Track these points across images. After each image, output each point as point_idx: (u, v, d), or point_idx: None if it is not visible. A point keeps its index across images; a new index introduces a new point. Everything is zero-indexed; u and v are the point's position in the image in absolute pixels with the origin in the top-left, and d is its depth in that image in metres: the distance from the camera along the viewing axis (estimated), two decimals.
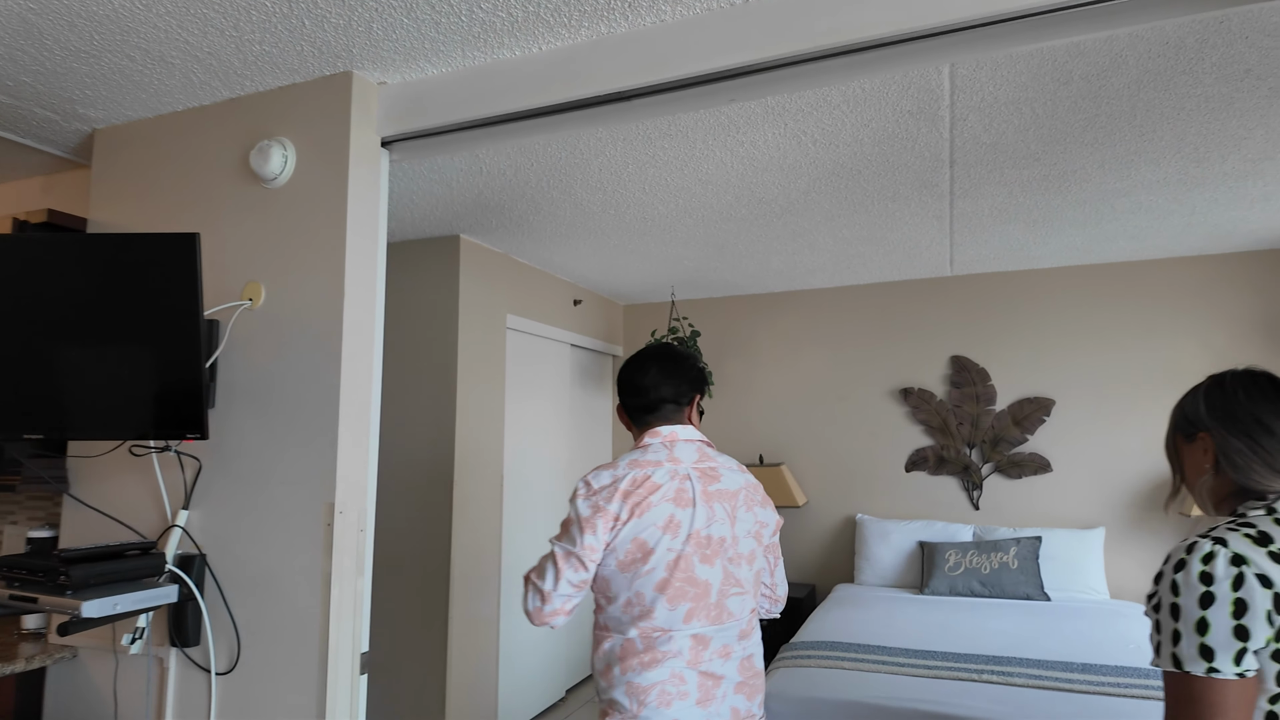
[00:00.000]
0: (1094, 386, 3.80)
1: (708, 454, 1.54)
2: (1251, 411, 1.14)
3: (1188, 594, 1.02)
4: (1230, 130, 2.15)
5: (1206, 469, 1.18)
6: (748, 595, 1.48)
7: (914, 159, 2.38)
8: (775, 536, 1.59)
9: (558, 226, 3.09)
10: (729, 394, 4.53)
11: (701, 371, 1.65)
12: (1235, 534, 1.05)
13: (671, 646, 1.41)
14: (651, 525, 1.42)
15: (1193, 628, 1.00)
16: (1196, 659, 1.00)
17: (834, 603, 3.51)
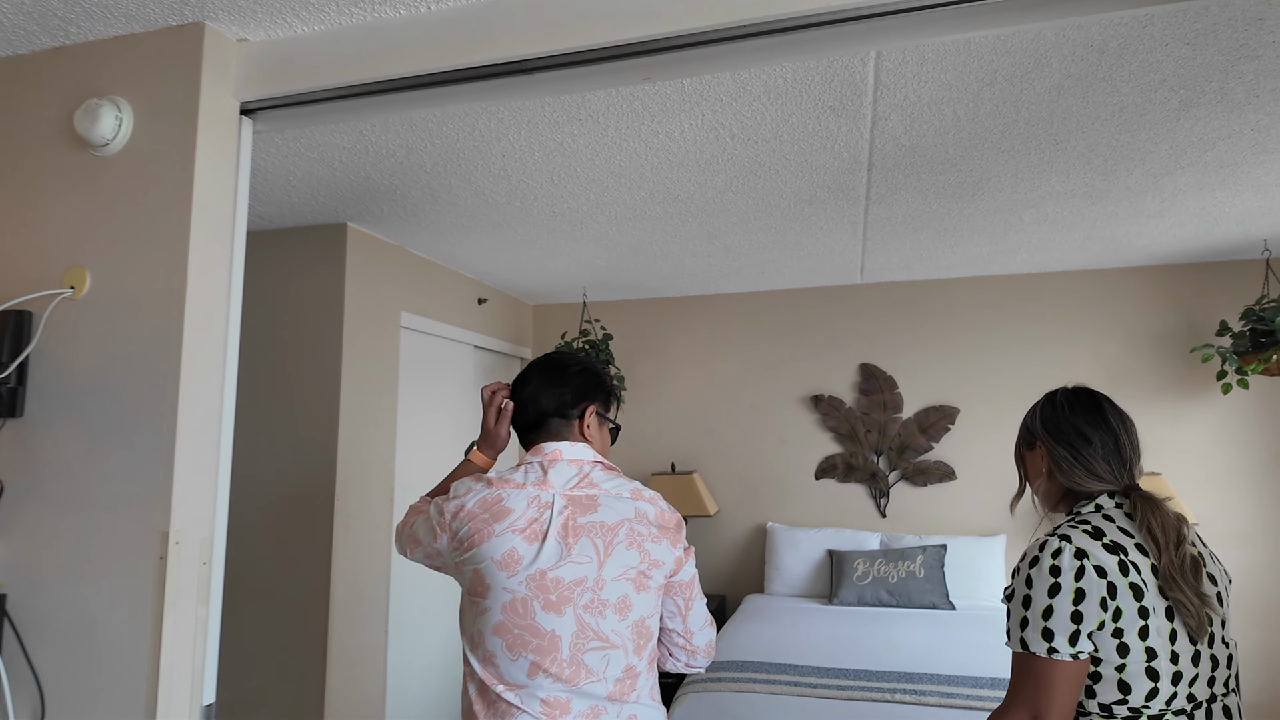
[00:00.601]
0: (995, 395, 3.87)
1: (593, 479, 1.30)
2: (1073, 424, 1.32)
3: (1038, 585, 1.18)
4: (1139, 143, 2.17)
5: (1043, 473, 1.36)
6: (619, 650, 1.22)
7: (833, 160, 2.29)
8: (685, 575, 1.31)
9: (458, 218, 2.86)
10: (641, 399, 4.38)
11: (597, 378, 1.42)
12: (1076, 530, 1.21)
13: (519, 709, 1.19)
14: (489, 559, 1.22)
15: (1039, 614, 1.17)
16: (1039, 640, 1.17)
17: (744, 615, 3.41)
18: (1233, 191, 2.59)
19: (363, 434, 2.95)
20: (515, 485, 1.27)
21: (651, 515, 1.28)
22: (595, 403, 1.39)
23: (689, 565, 1.32)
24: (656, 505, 1.31)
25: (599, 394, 1.41)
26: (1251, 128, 2.05)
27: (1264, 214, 2.86)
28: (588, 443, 1.37)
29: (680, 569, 1.30)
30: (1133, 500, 1.26)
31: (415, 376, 3.39)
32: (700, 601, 1.34)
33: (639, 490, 1.31)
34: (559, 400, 1.36)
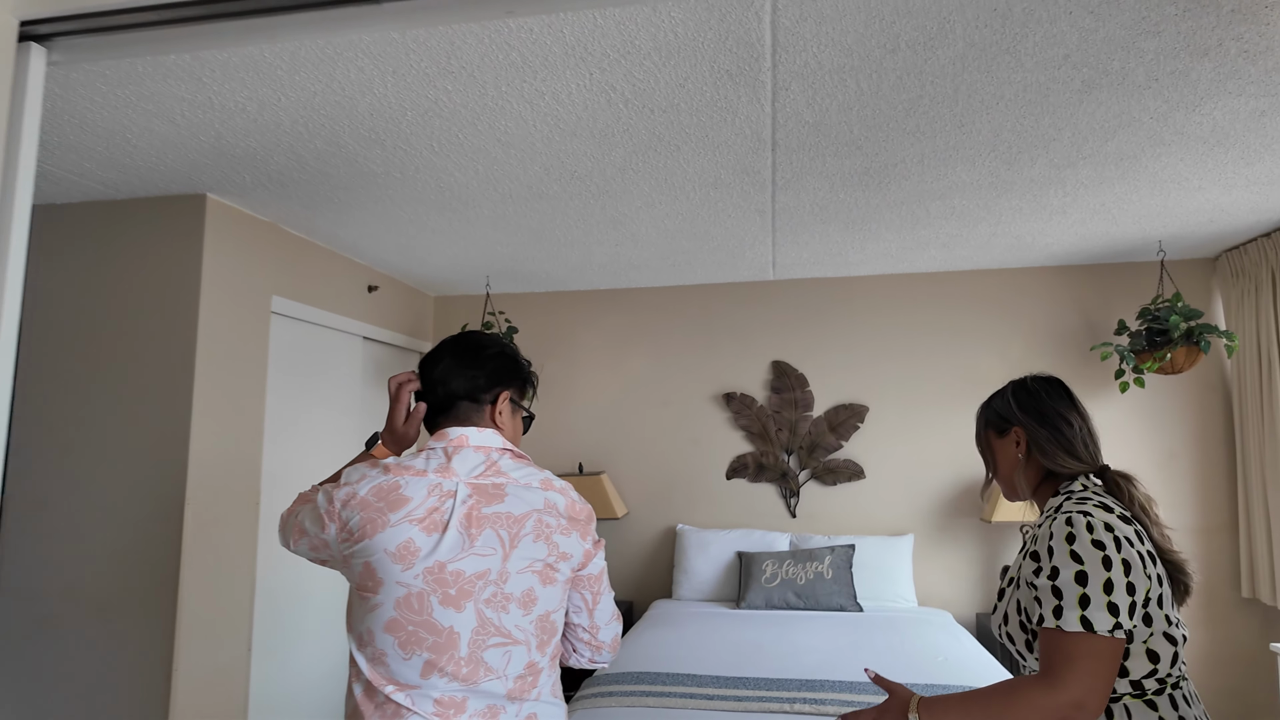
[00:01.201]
0: (903, 394, 3.84)
1: (501, 467, 1.22)
2: (1054, 407, 1.36)
3: (1090, 560, 1.14)
4: (1042, 129, 2.11)
5: (1019, 458, 1.37)
6: (522, 646, 1.16)
7: (735, 136, 2.15)
8: (593, 569, 1.27)
9: (333, 191, 2.59)
10: (549, 397, 4.17)
11: (514, 362, 1.34)
12: (1089, 505, 1.21)
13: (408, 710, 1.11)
14: (381, 550, 1.14)
15: (1100, 589, 1.12)
16: (1105, 616, 1.12)
17: (649, 622, 3.25)
18: (1131, 187, 2.59)
19: (221, 430, 2.64)
20: (415, 472, 1.19)
21: (562, 506, 1.22)
22: (510, 388, 1.32)
23: (598, 558, 1.28)
24: (567, 496, 1.25)
25: (515, 380, 1.34)
26: (1150, 115, 2.02)
27: (1159, 213, 2.90)
28: (498, 430, 1.29)
29: (589, 562, 1.25)
30: (1110, 479, 1.30)
31: (291, 368, 3.09)
32: (608, 596, 1.30)
33: (549, 480, 1.25)
34: (471, 383, 1.28)
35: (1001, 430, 1.40)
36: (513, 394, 1.33)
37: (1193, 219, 2.98)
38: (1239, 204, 2.79)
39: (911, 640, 2.86)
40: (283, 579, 2.97)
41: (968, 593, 3.67)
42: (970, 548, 3.69)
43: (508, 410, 1.31)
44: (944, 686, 2.31)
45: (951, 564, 3.70)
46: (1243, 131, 2.13)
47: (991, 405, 1.44)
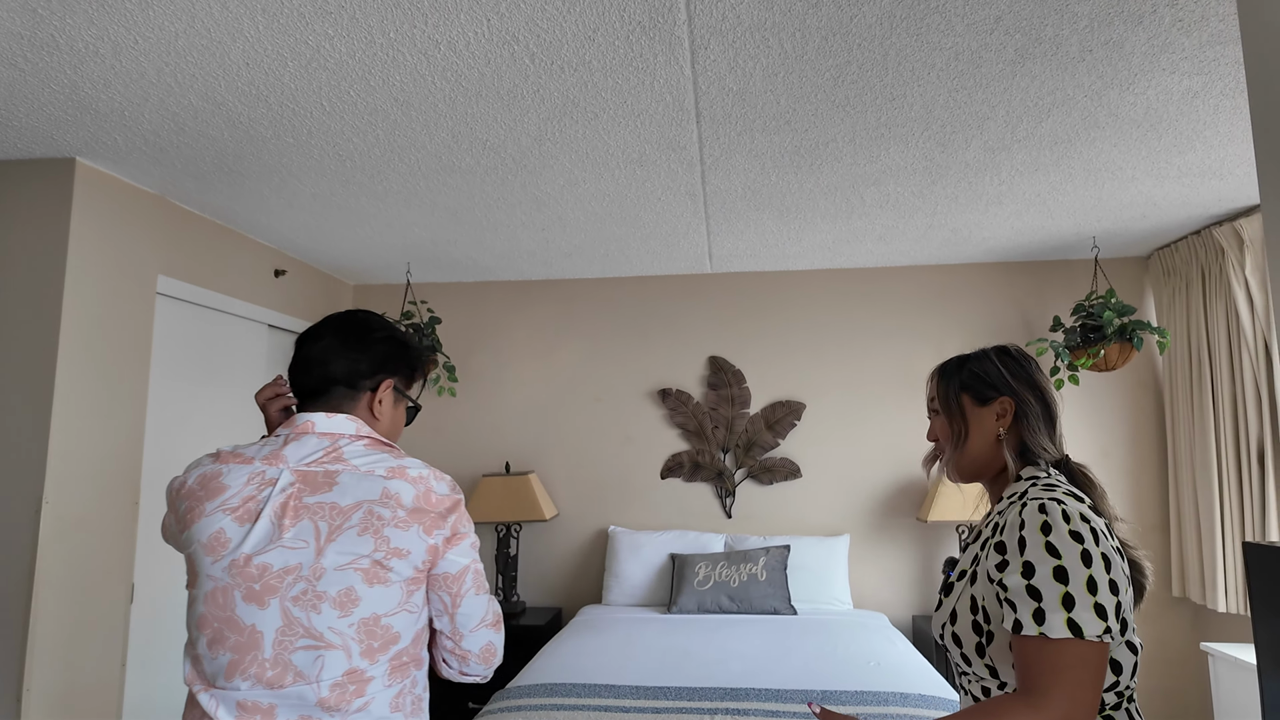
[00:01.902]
0: (840, 391, 3.75)
1: (344, 454, 1.12)
2: (1042, 383, 1.22)
3: (1068, 554, 0.99)
4: (975, 105, 2.02)
5: (998, 431, 1.19)
6: (338, 651, 1.04)
7: (656, 103, 2.00)
8: (451, 567, 1.12)
9: (221, 158, 2.36)
10: (475, 392, 3.96)
11: (403, 348, 1.25)
12: (1057, 493, 1.07)
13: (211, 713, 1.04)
14: (197, 541, 1.08)
15: (1084, 587, 0.98)
16: (1093, 619, 0.97)
17: (574, 629, 3.07)
18: (1065, 175, 2.53)
19: (92, 422, 2.38)
20: (242, 460, 1.13)
21: (407, 497, 1.09)
22: (395, 376, 1.23)
23: (456, 556, 1.13)
24: (421, 486, 1.12)
25: (401, 367, 1.24)
26: (1084, 93, 1.94)
27: (1094, 206, 2.85)
28: (375, 421, 1.22)
29: (439, 559, 1.11)
30: (1072, 470, 1.18)
31: (183, 355, 2.82)
32: (476, 599, 1.15)
33: (401, 469, 1.12)
34: (351, 368, 1.19)
35: (983, 398, 1.21)
36: (398, 382, 1.24)
37: (1126, 213, 2.94)
38: (1170, 197, 2.76)
39: (845, 644, 2.74)
40: (166, 584, 2.70)
41: (903, 594, 3.59)
42: (906, 548, 3.61)
43: (389, 400, 1.22)
44: (876, 694, 2.19)
45: (887, 565, 3.62)
46: (1175, 115, 2.08)
47: (969, 368, 1.24)
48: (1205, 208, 2.89)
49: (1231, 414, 2.98)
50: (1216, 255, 3.04)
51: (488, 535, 3.85)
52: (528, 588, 3.81)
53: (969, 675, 1.14)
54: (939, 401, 1.27)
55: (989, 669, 1.09)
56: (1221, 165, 2.46)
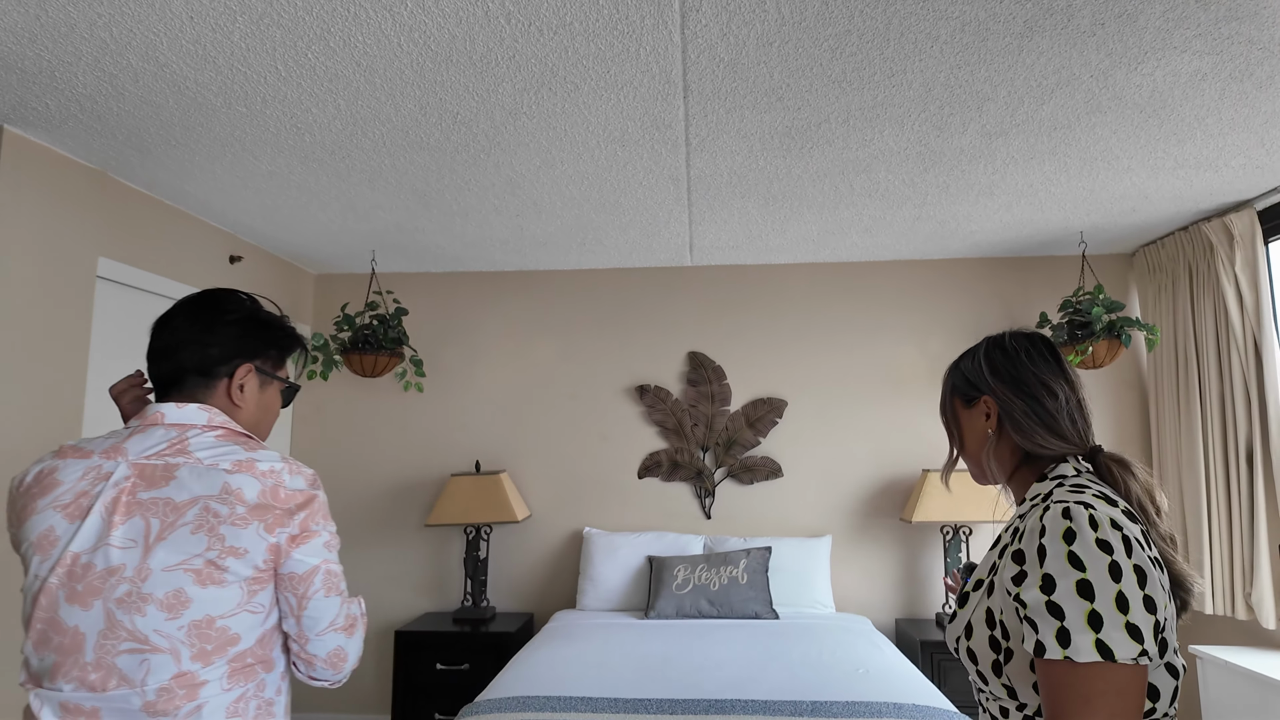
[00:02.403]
0: (823, 388, 3.65)
1: (190, 446, 1.07)
2: (1034, 373, 1.09)
3: (1094, 566, 0.88)
4: (977, 84, 1.91)
5: (988, 433, 1.11)
6: (166, 655, 1.00)
7: (641, 74, 1.86)
8: (297, 567, 1.07)
9: (168, 129, 2.17)
10: (443, 388, 3.79)
11: (262, 327, 1.20)
12: (1086, 496, 0.95)
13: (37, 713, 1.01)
14: (29, 540, 1.05)
15: (1113, 605, 0.86)
16: (1128, 642, 0.85)
17: (546, 636, 2.92)
18: (1060, 165, 2.45)
19: (23, 413, 2.17)
20: (81, 454, 1.08)
21: (250, 493, 1.05)
22: (256, 359, 1.18)
23: (303, 555, 1.07)
24: (270, 481, 1.07)
25: (263, 348, 1.19)
26: (1090, 72, 1.85)
27: (1085, 198, 2.78)
28: (237, 409, 1.17)
29: (285, 559, 1.07)
30: (1101, 463, 1.05)
31: (128, 342, 2.62)
32: (325, 601, 1.10)
33: (250, 463, 1.07)
34: (201, 354, 1.14)
35: (969, 399, 1.14)
36: (261, 365, 1.19)
37: (1115, 206, 2.88)
38: (1162, 190, 2.70)
39: (831, 650, 2.63)
40: None
41: (886, 597, 3.50)
42: (890, 549, 3.52)
43: (252, 385, 1.18)
44: (868, 704, 2.07)
45: (870, 567, 3.52)
46: (1180, 99, 2.00)
47: (959, 367, 1.18)
48: (1196, 202, 2.84)
49: (1220, 413, 2.93)
50: (1205, 251, 2.99)
51: (456, 538, 3.68)
52: (498, 592, 3.65)
53: (986, 693, 1.03)
54: (940, 408, 1.22)
55: (1007, 689, 0.98)
56: (1218, 157, 2.40)
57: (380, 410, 3.78)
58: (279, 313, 1.27)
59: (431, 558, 3.68)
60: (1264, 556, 2.72)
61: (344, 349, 3.30)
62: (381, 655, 3.65)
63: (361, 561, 3.69)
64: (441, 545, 3.69)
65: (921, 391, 3.59)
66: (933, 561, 3.48)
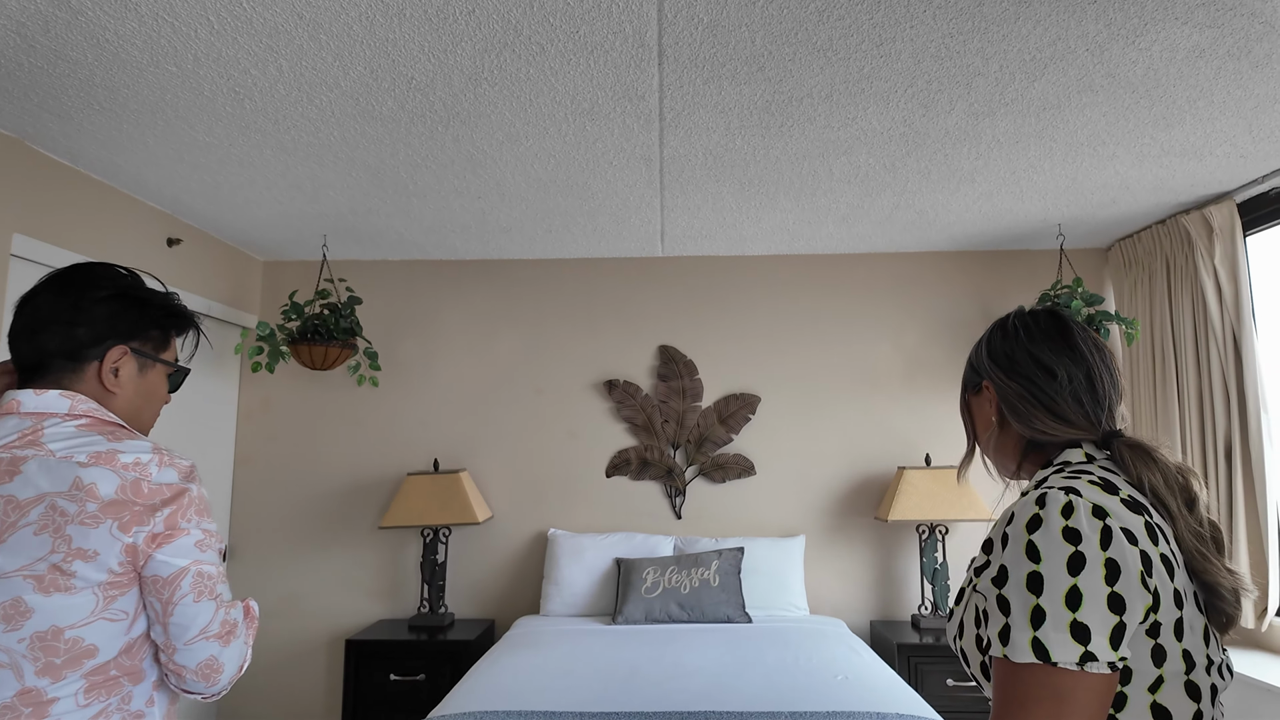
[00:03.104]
0: (797, 384, 3.54)
1: (43, 437, 0.98)
2: (1031, 352, 1.00)
3: (1051, 557, 0.80)
4: (968, 57, 1.81)
5: (992, 422, 1.03)
6: (6, 670, 0.91)
7: (613, 36, 1.72)
8: (161, 569, 0.97)
9: (90, 90, 1.96)
10: (400, 382, 3.59)
11: (134, 305, 1.10)
12: (1079, 481, 0.87)
13: None
14: None
15: (1061, 601, 0.78)
16: (1069, 643, 0.77)
17: (507, 645, 2.75)
18: (1045, 150, 2.37)
19: None
20: None
21: (105, 488, 0.95)
22: (133, 340, 1.10)
23: (168, 556, 0.97)
24: (131, 475, 0.97)
25: (140, 328, 1.11)
26: (1087, 46, 1.76)
27: (1066, 188, 2.71)
28: (110, 395, 1.08)
29: (147, 561, 0.97)
30: (1116, 449, 0.93)
31: None
32: (195, 607, 1.00)
33: (110, 455, 0.97)
34: (66, 335, 1.05)
35: (975, 386, 1.07)
36: (139, 346, 1.10)
37: (1096, 197, 2.82)
38: (1144, 180, 2.64)
39: (807, 655, 2.51)
40: None
41: (862, 599, 3.40)
42: (865, 549, 3.43)
43: (129, 369, 1.08)
44: (850, 714, 1.95)
45: (844, 567, 3.42)
46: (1174, 78, 1.92)
47: (970, 356, 1.12)
48: (1176, 194, 2.79)
49: (1197, 409, 2.88)
50: (1183, 244, 2.95)
51: (412, 540, 3.49)
52: (457, 598, 3.47)
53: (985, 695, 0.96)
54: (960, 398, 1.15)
55: None
56: (1204, 144, 2.33)
57: (332, 405, 3.57)
58: (165, 289, 1.17)
59: (386, 562, 3.48)
60: (1243, 555, 2.68)
61: (292, 340, 3.09)
62: (331, 665, 3.44)
63: (310, 566, 3.48)
64: (397, 548, 3.49)
65: (897, 388, 3.51)
66: (908, 562, 3.40)
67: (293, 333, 3.10)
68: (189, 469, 1.02)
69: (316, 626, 3.46)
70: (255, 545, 3.49)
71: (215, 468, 3.39)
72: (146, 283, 1.19)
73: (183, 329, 1.18)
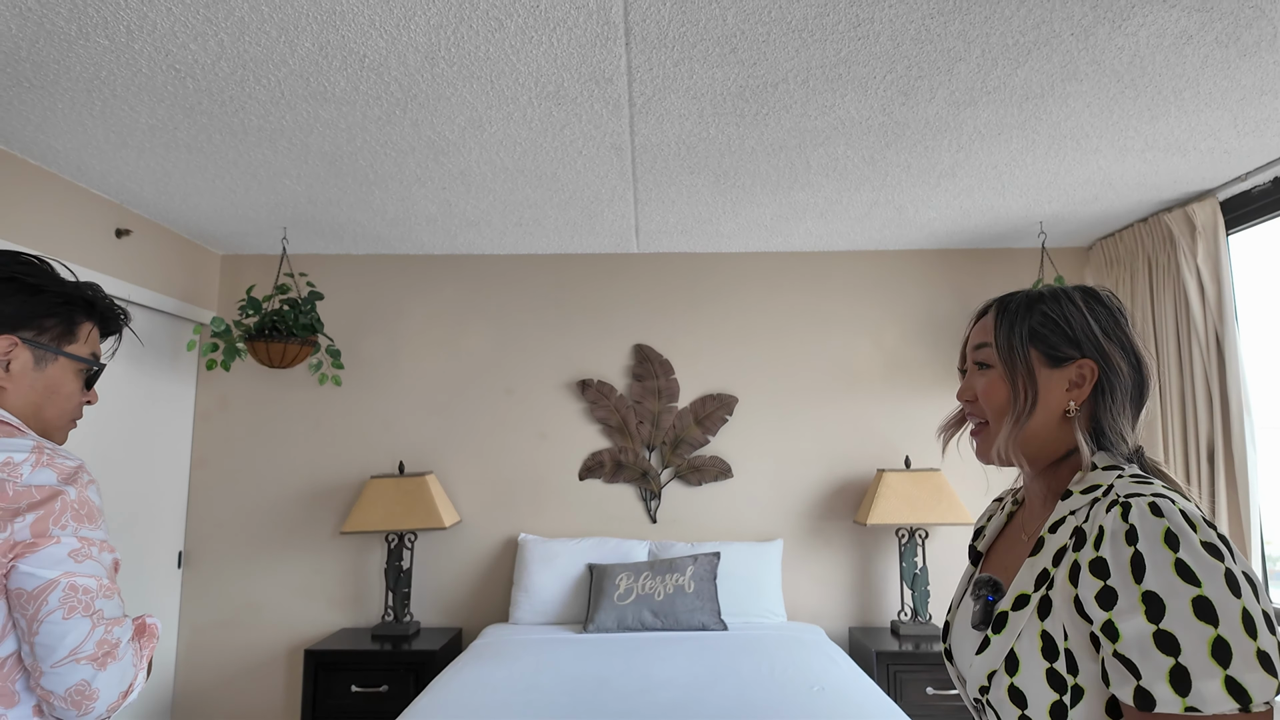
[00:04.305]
0: (774, 384, 3.46)
1: None
2: (1132, 341, 0.89)
3: (1211, 579, 0.68)
4: (949, 42, 1.73)
5: (1071, 405, 0.88)
6: None
7: (575, 11, 1.62)
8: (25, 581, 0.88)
9: (13, 64, 1.82)
10: (364, 381, 3.46)
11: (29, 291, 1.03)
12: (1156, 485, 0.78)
13: None
14: None
15: (1240, 627, 0.66)
16: (1263, 678, 0.65)
17: (473, 655, 2.63)
18: (1028, 143, 2.30)
19: None
20: None
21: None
22: (25, 330, 1.03)
23: (32, 567, 0.88)
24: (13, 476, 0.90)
25: (34, 317, 1.03)
26: (1073, 29, 1.68)
27: (1049, 184, 2.65)
28: (2, 390, 1.00)
29: (9, 573, 0.89)
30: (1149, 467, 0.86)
31: None
32: (63, 625, 0.90)
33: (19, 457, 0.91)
34: None
35: (1058, 358, 0.88)
36: (33, 337, 1.03)
37: (1078, 194, 2.76)
38: (1127, 175, 2.58)
39: (783, 666, 2.42)
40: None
41: (840, 605, 3.32)
42: (843, 554, 3.35)
43: (23, 361, 1.01)
44: None
45: (822, 572, 3.34)
46: (1160, 66, 1.85)
47: (1043, 309, 0.90)
48: (1158, 191, 2.74)
49: (1180, 410, 2.83)
50: (1165, 243, 2.90)
51: (376, 546, 3.36)
52: (422, 606, 3.34)
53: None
54: (1000, 351, 0.91)
55: None
56: (1188, 138, 2.28)
57: (292, 405, 3.43)
58: (73, 278, 1.11)
59: (348, 568, 3.35)
60: None
61: (249, 336, 2.96)
62: (290, 677, 3.29)
63: (269, 573, 3.34)
64: (359, 554, 3.36)
65: (877, 388, 3.43)
66: (888, 566, 3.32)
67: (250, 329, 2.96)
68: (73, 470, 0.93)
69: (275, 636, 3.31)
70: (211, 551, 3.34)
71: (170, 470, 3.24)
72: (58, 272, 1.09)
73: (90, 320, 1.09)
